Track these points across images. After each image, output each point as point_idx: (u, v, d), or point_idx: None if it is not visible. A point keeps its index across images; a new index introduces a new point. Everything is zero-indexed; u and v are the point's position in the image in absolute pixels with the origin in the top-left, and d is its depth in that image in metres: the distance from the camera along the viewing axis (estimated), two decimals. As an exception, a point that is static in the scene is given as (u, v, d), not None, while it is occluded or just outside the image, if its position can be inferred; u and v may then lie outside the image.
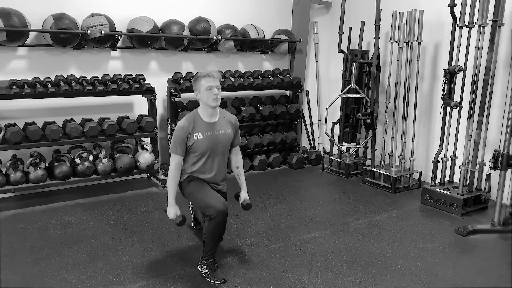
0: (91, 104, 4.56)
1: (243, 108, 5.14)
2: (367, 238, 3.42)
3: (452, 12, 3.98)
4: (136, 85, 4.39)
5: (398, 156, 4.72)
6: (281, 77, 5.44)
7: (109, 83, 4.31)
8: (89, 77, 4.35)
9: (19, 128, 3.93)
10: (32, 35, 4.15)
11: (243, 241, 3.32)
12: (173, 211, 2.83)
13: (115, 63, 4.71)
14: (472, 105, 3.97)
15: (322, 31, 6.04)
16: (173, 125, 4.75)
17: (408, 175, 4.74)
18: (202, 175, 2.91)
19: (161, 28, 4.68)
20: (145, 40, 4.54)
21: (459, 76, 4.07)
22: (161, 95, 4.89)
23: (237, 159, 3.09)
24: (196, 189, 2.86)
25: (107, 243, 3.26)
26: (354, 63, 4.99)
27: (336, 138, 5.53)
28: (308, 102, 6.07)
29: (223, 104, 5.03)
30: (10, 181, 3.91)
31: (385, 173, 4.63)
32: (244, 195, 3.03)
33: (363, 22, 5.15)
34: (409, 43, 4.48)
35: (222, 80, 2.85)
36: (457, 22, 4.00)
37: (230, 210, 3.18)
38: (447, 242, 3.39)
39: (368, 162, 5.22)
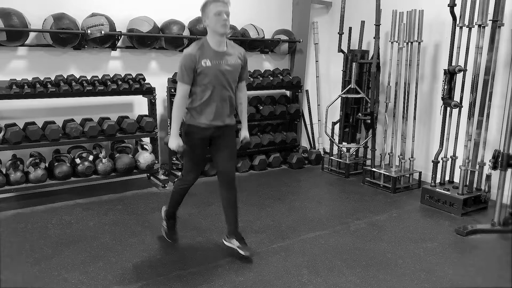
0: (91, 104, 4.56)
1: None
2: (367, 238, 3.42)
3: (452, 12, 3.98)
4: (136, 85, 4.39)
5: (398, 156, 4.72)
6: (281, 77, 5.44)
7: (109, 83, 4.31)
8: (89, 77, 4.35)
9: (19, 128, 3.93)
10: (32, 35, 4.15)
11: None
12: (175, 141, 2.81)
13: (115, 63, 4.72)
14: (472, 105, 3.97)
15: (322, 31, 6.04)
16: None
17: (408, 175, 4.74)
18: (208, 108, 2.80)
19: (161, 28, 4.68)
20: (145, 40, 4.54)
21: (459, 76, 4.07)
22: (161, 95, 4.90)
23: (242, 95, 3.02)
24: (190, 150, 2.91)
25: (107, 243, 3.26)
26: (354, 63, 4.99)
27: (336, 138, 5.53)
28: (308, 102, 6.07)
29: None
30: (10, 181, 3.90)
31: (385, 173, 4.63)
32: (244, 133, 3.07)
33: (363, 22, 5.15)
34: (409, 43, 4.48)
35: (231, 4, 2.82)
36: (457, 22, 4.00)
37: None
38: (447, 242, 3.39)
39: (368, 162, 5.22)
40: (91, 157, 4.27)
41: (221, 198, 3.03)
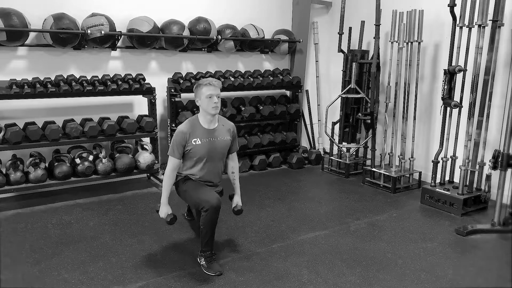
0: (91, 104, 4.56)
1: (243, 108, 5.14)
2: (367, 238, 3.42)
3: (452, 12, 3.98)
4: (136, 85, 4.39)
5: (398, 156, 4.72)
6: (281, 77, 5.44)
7: (109, 83, 4.31)
8: (89, 77, 4.35)
9: (19, 128, 3.93)
10: (32, 35, 4.15)
11: (243, 241, 3.32)
12: (164, 210, 2.94)
13: (115, 63, 4.72)
14: (472, 105, 3.97)
15: (322, 31, 6.04)
16: (173, 125, 4.75)
17: (408, 175, 4.74)
18: (198, 178, 3.02)
19: (161, 28, 4.68)
20: (145, 40, 4.54)
21: (459, 76, 4.07)
22: (161, 95, 4.89)
23: (233, 164, 3.20)
24: (191, 187, 2.98)
25: (107, 243, 3.26)
26: (354, 63, 4.99)
27: (336, 138, 5.53)
28: (308, 102, 6.07)
29: (223, 104, 5.03)
30: (10, 181, 3.90)
31: (385, 173, 4.63)
32: (236, 200, 3.18)
33: (363, 22, 5.15)
34: (409, 43, 4.48)
35: (221, 87, 2.98)
36: (457, 22, 4.00)
37: (229, 210, 3.19)
38: (447, 242, 3.39)
39: (368, 162, 5.22)
40: (91, 157, 4.27)
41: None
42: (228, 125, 3.10)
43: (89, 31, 4.14)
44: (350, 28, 5.21)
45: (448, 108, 4.12)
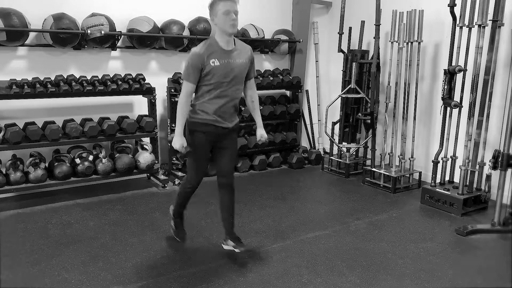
0: (91, 104, 4.56)
1: (243, 108, 5.13)
2: (367, 238, 3.42)
3: (452, 12, 3.98)
4: (136, 85, 4.39)
5: (398, 156, 4.72)
6: (281, 77, 5.44)
7: (109, 83, 4.31)
8: (89, 77, 4.35)
9: (19, 128, 3.92)
10: (32, 35, 4.15)
11: (243, 241, 3.31)
12: (179, 141, 2.79)
13: (115, 63, 4.72)
14: (472, 105, 3.97)
15: (322, 31, 6.04)
16: (173, 125, 4.74)
17: (408, 175, 4.74)
18: (214, 107, 2.78)
19: (161, 28, 4.68)
20: (145, 40, 4.54)
21: (459, 76, 4.07)
22: (161, 95, 4.89)
23: (252, 92, 3.02)
24: (194, 150, 2.90)
25: (107, 243, 3.26)
26: (354, 63, 4.99)
27: (336, 138, 5.53)
28: (308, 102, 6.07)
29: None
30: (10, 181, 3.90)
31: (385, 173, 4.63)
32: (260, 133, 3.07)
33: (363, 22, 5.15)
34: (409, 43, 4.48)
35: (239, 2, 2.79)
36: (457, 22, 4.00)
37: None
38: (447, 242, 3.39)
39: (368, 162, 5.22)
40: (91, 157, 4.27)
41: (219, 199, 3.03)
42: (246, 47, 2.89)
43: (89, 31, 4.14)
44: (350, 28, 5.21)
45: (448, 108, 4.12)
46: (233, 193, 3.01)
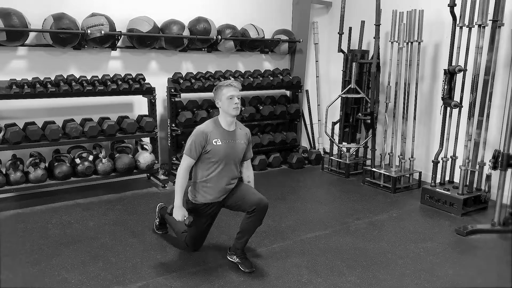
0: (91, 104, 4.56)
1: (243, 108, 5.14)
2: (367, 238, 3.42)
3: (452, 12, 3.98)
4: (136, 85, 4.39)
5: (398, 156, 4.72)
6: (281, 77, 5.44)
7: (109, 83, 4.31)
8: (89, 77, 4.35)
9: (19, 128, 3.92)
10: (32, 35, 4.15)
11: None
12: (181, 213, 2.86)
13: (115, 63, 4.72)
14: (472, 105, 3.97)
15: (322, 31, 6.04)
16: (173, 125, 4.75)
17: (408, 175, 4.74)
18: (214, 184, 2.90)
19: (161, 28, 4.68)
20: (145, 40, 4.54)
21: (459, 76, 4.07)
22: (161, 95, 4.89)
23: (249, 173, 3.16)
24: (194, 227, 2.98)
25: (107, 243, 3.26)
26: (354, 63, 4.99)
27: (336, 138, 5.53)
28: (308, 102, 6.07)
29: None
30: (10, 181, 3.90)
31: (385, 173, 4.63)
32: None
33: (363, 22, 5.15)
34: (409, 43, 4.48)
35: (241, 88, 2.95)
36: (457, 22, 4.00)
37: (229, 211, 3.19)
38: (447, 242, 3.39)
39: (368, 162, 5.22)
40: (91, 157, 4.27)
41: (248, 220, 2.91)
42: (245, 130, 3.07)
43: (89, 31, 4.14)
44: (350, 28, 5.21)
45: (448, 108, 4.12)
46: (261, 222, 2.95)
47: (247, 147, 3.05)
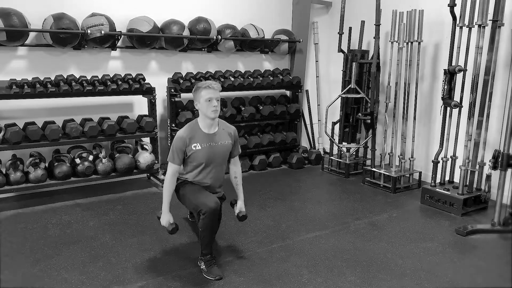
0: (91, 104, 4.56)
1: (243, 108, 5.14)
2: (367, 238, 3.42)
3: (452, 12, 3.98)
4: (136, 85, 4.39)
5: (398, 156, 4.72)
6: (281, 77, 5.44)
7: (109, 83, 4.31)
8: (89, 77, 4.35)
9: (19, 128, 3.93)
10: (32, 35, 4.15)
11: (243, 241, 3.32)
12: (166, 218, 2.88)
13: (115, 63, 4.72)
14: (472, 105, 3.97)
15: (322, 31, 6.04)
16: (173, 125, 4.75)
17: (408, 175, 4.74)
18: (199, 183, 2.96)
19: (161, 28, 4.68)
20: (145, 40, 4.54)
21: (459, 76, 4.07)
22: (161, 95, 4.89)
23: (236, 169, 3.13)
24: (189, 191, 2.94)
25: (107, 243, 3.26)
26: (354, 63, 4.99)
27: (336, 138, 5.53)
28: (308, 102, 6.07)
29: (223, 104, 5.03)
30: (10, 181, 3.90)
31: (385, 173, 4.63)
32: (240, 205, 3.09)
33: (363, 22, 5.15)
34: (409, 43, 4.48)
35: (221, 89, 2.91)
36: (457, 22, 4.00)
37: (229, 210, 3.20)
38: (447, 242, 3.39)
39: (368, 162, 5.22)
40: (91, 157, 4.27)
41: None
42: (229, 129, 3.03)
43: (89, 31, 4.14)
44: (350, 28, 5.21)
45: (448, 108, 4.12)
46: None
47: (233, 146, 3.04)
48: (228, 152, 3.02)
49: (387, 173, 4.60)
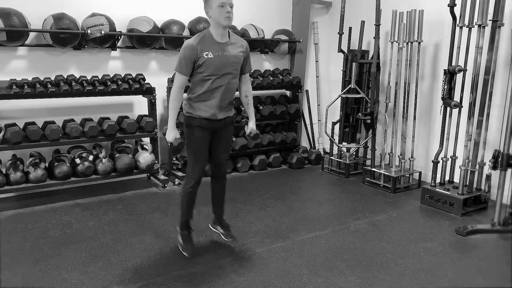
0: (91, 104, 4.56)
1: (243, 108, 5.14)
2: (367, 238, 3.42)
3: (452, 12, 3.98)
4: (136, 85, 4.39)
5: (398, 156, 4.72)
6: (281, 77, 5.44)
7: (109, 83, 4.31)
8: (89, 77, 4.35)
9: (19, 128, 3.93)
10: (32, 35, 4.15)
11: (243, 241, 3.32)
12: (172, 134, 2.85)
13: (115, 63, 4.72)
14: (472, 105, 3.97)
15: (322, 31, 6.04)
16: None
17: (408, 175, 4.74)
18: (209, 100, 2.79)
19: (161, 28, 4.68)
20: (145, 40, 4.54)
21: (459, 76, 4.07)
22: (161, 95, 4.89)
23: (247, 87, 3.02)
24: (193, 143, 2.89)
25: (107, 243, 3.26)
26: (354, 63, 4.99)
27: (336, 138, 5.53)
28: (308, 102, 6.07)
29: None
30: (10, 181, 3.90)
31: (385, 173, 4.63)
32: (251, 126, 3.10)
33: (363, 22, 5.15)
34: (409, 43, 4.48)
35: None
36: (457, 22, 4.00)
37: (229, 210, 3.20)
38: (447, 242, 3.39)
39: (368, 162, 5.22)
40: (91, 157, 4.27)
41: (211, 188, 3.16)
42: (242, 41, 2.87)
43: (89, 31, 4.14)
44: (350, 28, 5.21)
45: (448, 108, 4.12)
46: (225, 181, 3.15)
47: (245, 60, 2.89)
48: (240, 64, 2.85)
49: (387, 173, 4.60)
